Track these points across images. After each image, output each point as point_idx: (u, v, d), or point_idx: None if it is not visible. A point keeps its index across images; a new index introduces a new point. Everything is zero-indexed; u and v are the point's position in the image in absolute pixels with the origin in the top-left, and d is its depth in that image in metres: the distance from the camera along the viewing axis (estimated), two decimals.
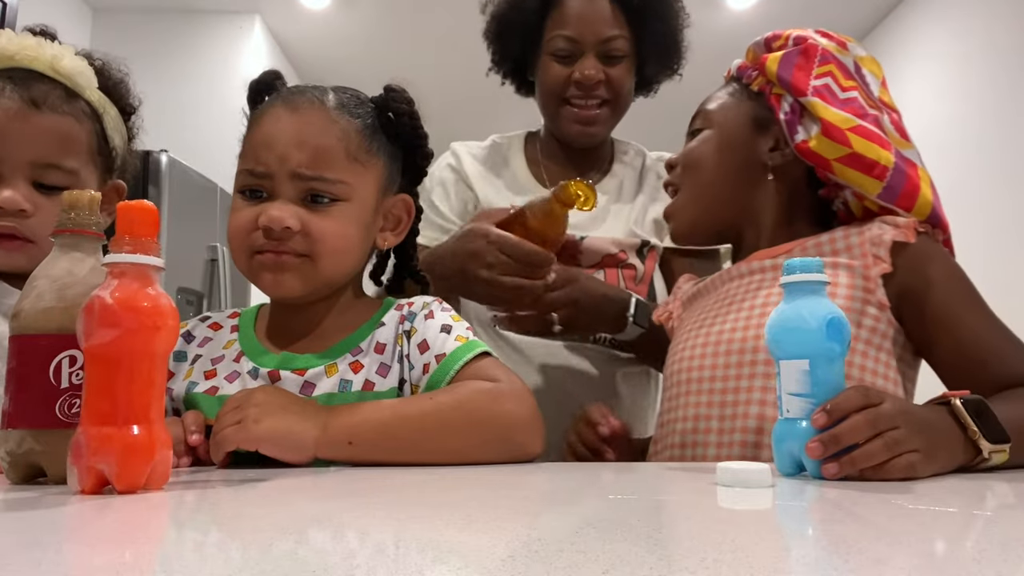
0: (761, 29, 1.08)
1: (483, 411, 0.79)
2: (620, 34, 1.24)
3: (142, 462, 0.56)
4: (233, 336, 0.91)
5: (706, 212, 1.05)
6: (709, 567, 0.32)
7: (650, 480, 0.67)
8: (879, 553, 0.36)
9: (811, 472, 0.66)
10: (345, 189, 0.85)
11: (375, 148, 0.88)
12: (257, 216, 0.82)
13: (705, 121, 1.06)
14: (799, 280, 0.70)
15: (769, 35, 1.05)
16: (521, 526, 0.44)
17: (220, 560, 0.35)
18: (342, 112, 0.87)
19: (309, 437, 0.74)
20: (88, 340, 0.56)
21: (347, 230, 0.85)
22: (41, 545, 0.39)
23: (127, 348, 0.56)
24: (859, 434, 0.64)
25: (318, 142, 0.84)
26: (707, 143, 1.05)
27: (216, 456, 0.75)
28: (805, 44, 1.00)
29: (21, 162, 0.87)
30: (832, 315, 0.69)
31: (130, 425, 0.56)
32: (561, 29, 1.24)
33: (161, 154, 2.96)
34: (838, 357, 0.69)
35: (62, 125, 0.89)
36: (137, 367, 0.56)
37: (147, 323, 0.56)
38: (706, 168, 1.04)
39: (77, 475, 0.56)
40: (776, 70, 0.99)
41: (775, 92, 1.00)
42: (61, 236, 0.65)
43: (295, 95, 0.87)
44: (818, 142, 0.95)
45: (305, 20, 4.27)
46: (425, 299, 0.92)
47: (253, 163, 0.84)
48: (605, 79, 1.24)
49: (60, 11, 3.77)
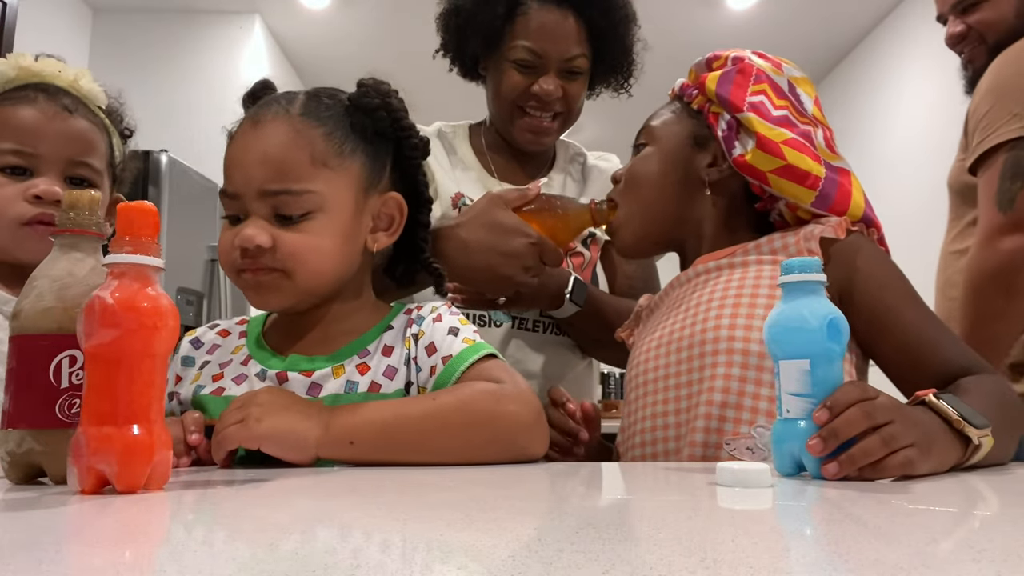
0: (761, 29, 1.08)
1: (485, 412, 0.78)
2: (582, 52, 1.26)
3: (142, 462, 0.56)
4: (241, 341, 0.92)
5: (648, 226, 1.09)
6: (709, 567, 0.32)
7: (650, 480, 0.67)
8: (879, 553, 0.36)
9: (812, 472, 0.66)
10: (315, 198, 0.83)
11: (348, 149, 0.86)
12: (235, 237, 0.83)
13: (648, 137, 1.10)
14: (798, 280, 0.70)
15: (710, 55, 1.09)
16: (521, 526, 0.44)
17: (221, 560, 0.35)
18: (306, 119, 0.85)
19: (311, 436, 0.74)
20: (88, 340, 0.56)
21: (320, 242, 0.84)
22: (41, 545, 0.39)
23: (127, 348, 0.56)
24: (856, 426, 0.65)
25: (280, 155, 0.83)
26: (648, 160, 1.09)
27: (218, 455, 0.75)
28: (742, 64, 1.04)
29: (58, 159, 0.97)
30: (832, 315, 0.69)
31: (130, 425, 0.56)
32: (526, 40, 1.24)
33: (161, 154, 2.96)
34: (837, 357, 0.69)
35: (90, 130, 1.01)
36: (137, 367, 0.57)
37: (147, 323, 0.57)
38: (647, 184, 1.08)
39: (77, 475, 0.56)
40: (715, 88, 1.03)
41: (713, 110, 1.05)
42: (61, 236, 0.65)
43: (261, 109, 0.87)
44: (754, 155, 0.99)
45: (305, 20, 4.27)
46: (434, 303, 0.92)
47: (226, 184, 0.85)
48: (562, 94, 1.26)
49: (60, 11, 3.77)
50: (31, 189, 0.95)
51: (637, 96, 1.42)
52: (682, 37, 4.46)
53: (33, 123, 0.96)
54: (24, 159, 0.96)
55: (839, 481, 0.64)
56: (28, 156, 0.96)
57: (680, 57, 1.16)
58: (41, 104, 0.97)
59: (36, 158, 0.96)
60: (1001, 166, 1.32)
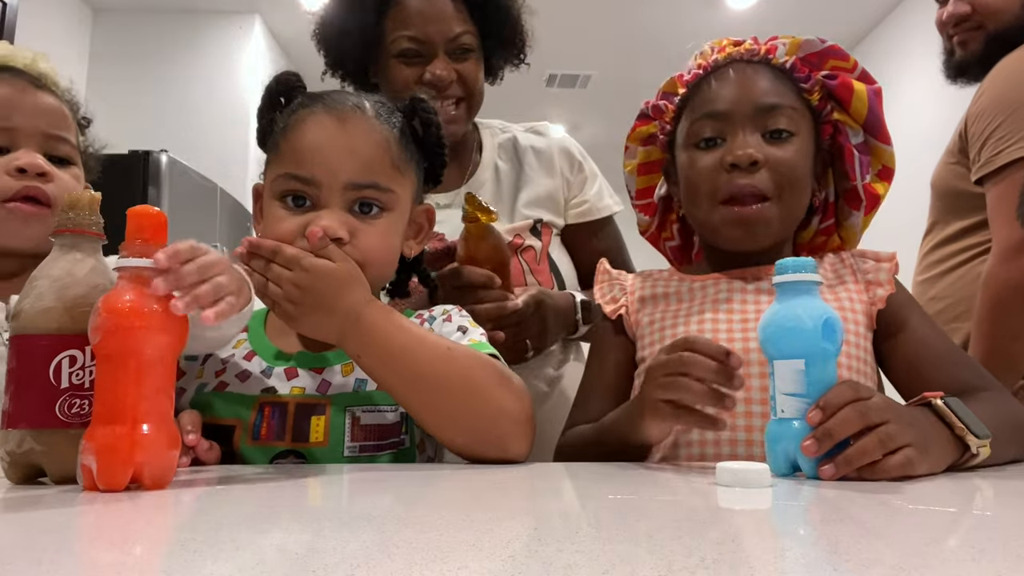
0: (761, 29, 1.07)
1: (483, 386, 0.78)
2: (466, 29, 1.21)
3: (166, 459, 0.59)
4: (243, 336, 0.91)
5: (788, 232, 0.99)
6: (709, 567, 0.32)
7: (650, 480, 0.67)
8: (878, 553, 0.36)
9: (807, 472, 0.66)
10: (392, 198, 0.85)
11: (410, 157, 0.88)
12: (303, 226, 0.80)
13: (791, 124, 0.94)
14: (793, 280, 0.70)
15: (831, 45, 0.98)
16: (521, 526, 0.44)
17: (220, 560, 0.35)
18: (380, 120, 0.86)
19: (330, 338, 0.78)
20: (98, 341, 0.58)
21: (391, 241, 0.86)
22: (41, 545, 0.39)
23: (136, 349, 0.58)
24: (850, 426, 0.64)
25: (368, 151, 0.84)
26: (801, 156, 0.94)
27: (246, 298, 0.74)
28: (876, 84, 0.99)
29: (35, 132, 0.94)
30: (827, 315, 0.69)
31: (140, 424, 0.57)
32: (404, 29, 1.19)
33: (161, 154, 2.96)
34: (832, 357, 0.69)
35: (60, 105, 0.98)
36: (146, 368, 0.58)
37: (156, 325, 0.58)
38: (801, 188, 0.95)
39: (84, 473, 0.56)
40: (865, 108, 0.97)
41: (839, 118, 0.98)
42: (61, 236, 0.65)
43: (337, 102, 0.86)
44: (885, 189, 1.00)
45: (305, 20, 4.19)
46: (445, 307, 0.92)
47: (296, 168, 0.83)
48: (457, 77, 1.21)
49: (60, 11, 3.77)
50: (13, 162, 0.91)
51: (638, 97, 1.41)
52: (682, 37, 4.47)
53: (5, 97, 0.93)
54: (1, 136, 0.92)
55: (838, 481, 0.64)
56: (4, 132, 0.92)
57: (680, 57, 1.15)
58: (7, 79, 0.94)
59: (12, 132, 0.93)
60: (1023, 181, 1.27)
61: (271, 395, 0.84)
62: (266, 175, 0.88)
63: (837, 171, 1.02)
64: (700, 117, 0.95)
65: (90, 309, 0.61)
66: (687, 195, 0.98)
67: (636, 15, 4.25)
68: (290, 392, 0.84)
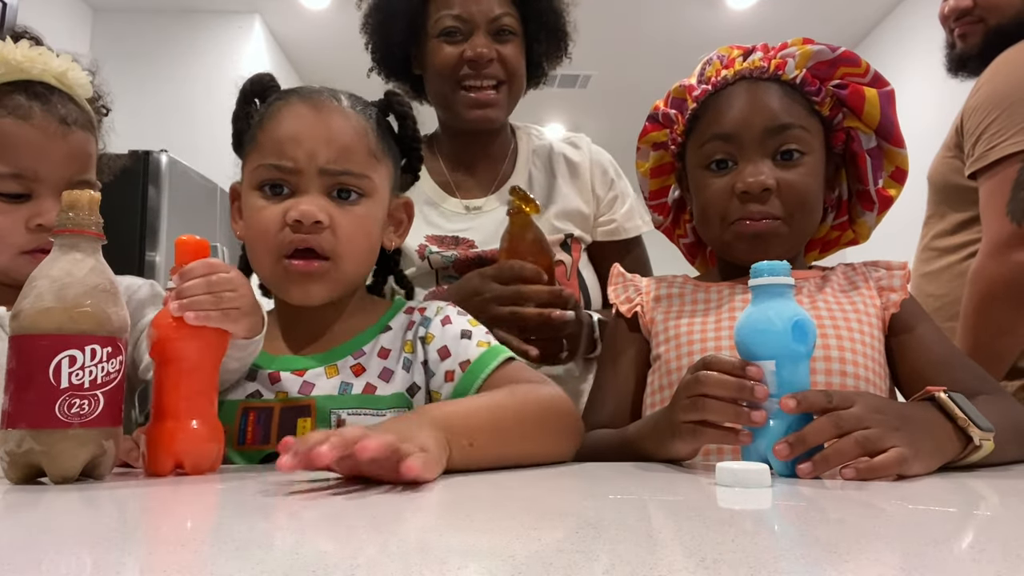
0: (761, 29, 1.07)
1: (552, 408, 0.79)
2: (508, 11, 1.23)
3: (205, 450, 0.70)
4: None
5: (799, 247, 1.01)
6: (709, 567, 0.32)
7: (650, 480, 0.67)
8: (878, 553, 0.36)
9: (778, 471, 0.67)
10: (368, 184, 0.86)
11: (385, 147, 0.90)
12: (284, 212, 0.82)
13: (802, 144, 0.94)
14: (766, 283, 0.71)
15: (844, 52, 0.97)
16: (521, 526, 0.44)
17: (220, 560, 0.35)
18: (355, 110, 0.88)
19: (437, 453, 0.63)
20: (158, 350, 0.70)
21: (370, 227, 0.87)
22: (41, 545, 0.39)
23: (175, 358, 0.70)
24: (823, 435, 0.65)
25: (344, 138, 0.85)
26: (812, 177, 0.95)
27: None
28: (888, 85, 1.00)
29: (58, 180, 0.90)
30: (798, 317, 0.69)
31: (182, 421, 0.69)
32: (448, 9, 1.22)
33: (161, 154, 2.96)
34: (803, 358, 0.70)
35: (86, 144, 0.94)
36: (184, 374, 0.70)
37: (189, 337, 0.70)
38: (812, 209, 0.96)
39: (147, 462, 0.69)
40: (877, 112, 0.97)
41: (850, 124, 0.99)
42: (61, 236, 0.65)
43: (313, 93, 0.88)
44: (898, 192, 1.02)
45: (305, 20, 4.27)
46: (438, 304, 0.92)
47: (276, 157, 0.84)
48: (498, 57, 1.22)
49: (60, 11, 3.77)
50: (35, 219, 0.89)
51: (638, 97, 1.41)
52: (682, 37, 4.47)
53: (32, 145, 0.89)
54: (23, 184, 0.89)
55: (838, 482, 0.64)
56: (27, 181, 0.89)
57: (680, 57, 1.15)
58: (38, 119, 0.89)
59: (36, 182, 0.90)
60: (1016, 176, 1.28)
61: (256, 400, 0.84)
62: (244, 170, 0.89)
63: (850, 174, 1.02)
64: (710, 138, 0.96)
65: (90, 309, 0.62)
66: (699, 215, 1.00)
67: (636, 15, 4.24)
68: (275, 397, 0.84)
